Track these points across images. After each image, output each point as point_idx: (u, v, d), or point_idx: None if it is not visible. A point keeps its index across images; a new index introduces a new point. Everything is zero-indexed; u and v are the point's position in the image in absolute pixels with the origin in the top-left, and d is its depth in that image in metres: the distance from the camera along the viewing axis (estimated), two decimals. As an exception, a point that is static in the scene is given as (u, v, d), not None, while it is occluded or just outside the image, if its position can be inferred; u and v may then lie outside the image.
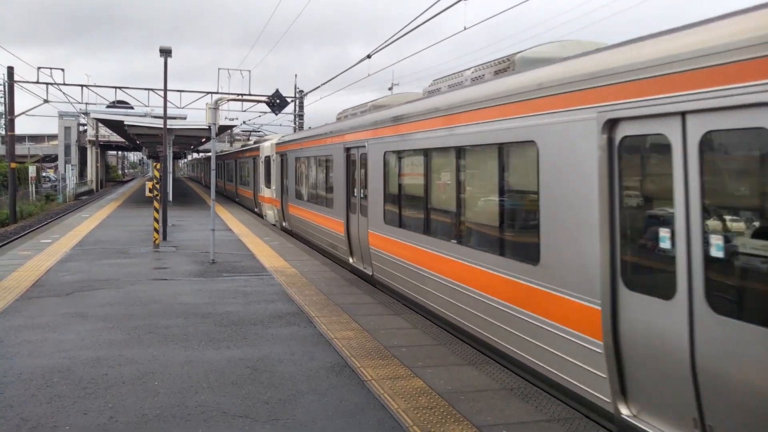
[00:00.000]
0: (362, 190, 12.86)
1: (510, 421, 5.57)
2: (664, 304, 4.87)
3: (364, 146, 12.49)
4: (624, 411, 5.35)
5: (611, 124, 5.46)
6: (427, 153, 9.58)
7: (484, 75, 8.54)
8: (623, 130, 5.36)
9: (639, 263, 5.29)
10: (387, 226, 11.27)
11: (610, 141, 5.47)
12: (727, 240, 4.45)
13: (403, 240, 10.51)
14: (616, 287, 5.39)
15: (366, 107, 14.23)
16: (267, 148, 26.04)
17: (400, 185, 10.90)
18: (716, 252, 4.48)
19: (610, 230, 5.47)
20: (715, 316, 4.44)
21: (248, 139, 59.62)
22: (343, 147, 14.01)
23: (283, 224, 22.35)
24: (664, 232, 4.95)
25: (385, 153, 11.37)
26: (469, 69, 9.18)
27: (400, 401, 5.96)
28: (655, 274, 5.06)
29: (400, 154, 10.83)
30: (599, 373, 5.55)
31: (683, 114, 4.71)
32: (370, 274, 12.27)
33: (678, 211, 4.78)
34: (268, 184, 25.88)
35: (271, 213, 25.26)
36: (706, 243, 4.54)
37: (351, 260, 13.67)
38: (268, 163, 25.66)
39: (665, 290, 4.86)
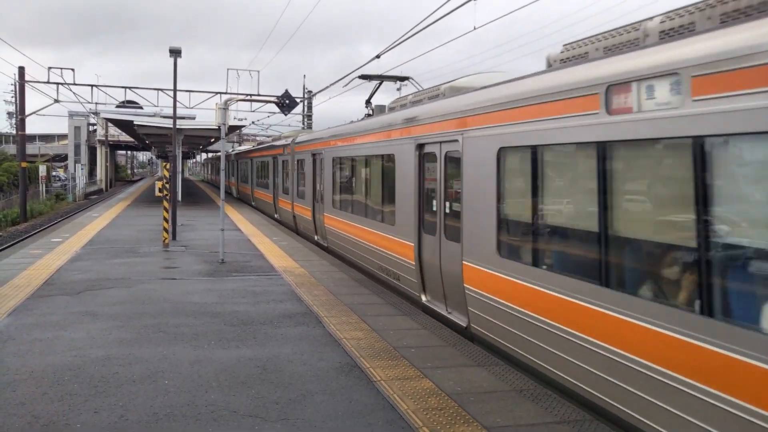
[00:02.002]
0: (447, 203, 9.42)
1: (519, 422, 5.56)
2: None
3: (456, 140, 8.85)
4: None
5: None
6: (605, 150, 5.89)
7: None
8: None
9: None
10: (507, 261, 7.52)
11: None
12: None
13: (552, 290, 6.56)
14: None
15: (437, 91, 10.81)
16: (292, 145, 22.73)
17: (541, 200, 6.99)
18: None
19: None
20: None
21: (256, 139, 59.87)
22: (413, 143, 10.45)
23: (316, 238, 18.59)
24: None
25: (500, 150, 7.72)
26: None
27: (410, 402, 5.96)
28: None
29: (539, 153, 6.99)
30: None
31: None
32: (464, 325, 8.71)
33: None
34: (300, 189, 21.66)
35: (305, 224, 20.46)
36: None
37: (423, 298, 10.25)
38: (294, 164, 22.42)
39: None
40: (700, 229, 4.76)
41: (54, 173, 64.42)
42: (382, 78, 15.83)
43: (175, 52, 20.68)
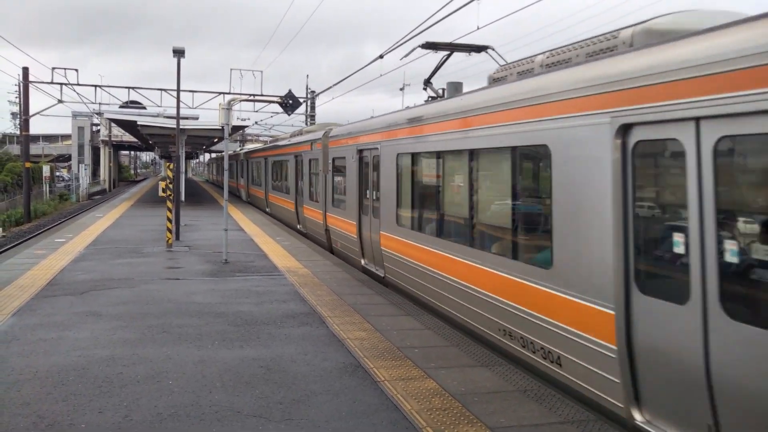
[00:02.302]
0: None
1: (523, 423, 5.56)
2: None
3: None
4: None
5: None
6: None
7: None
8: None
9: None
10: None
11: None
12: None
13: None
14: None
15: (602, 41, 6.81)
16: (325, 140, 17.77)
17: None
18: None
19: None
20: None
21: (259, 139, 59.70)
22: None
23: (363, 263, 13.94)
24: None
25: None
26: None
27: (414, 402, 5.96)
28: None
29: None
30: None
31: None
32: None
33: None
34: (337, 195, 16.80)
35: (345, 242, 15.59)
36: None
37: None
38: (328, 163, 17.33)
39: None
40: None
41: (57, 173, 64.57)
42: (452, 47, 12.30)
43: (179, 53, 20.68)
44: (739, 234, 4.62)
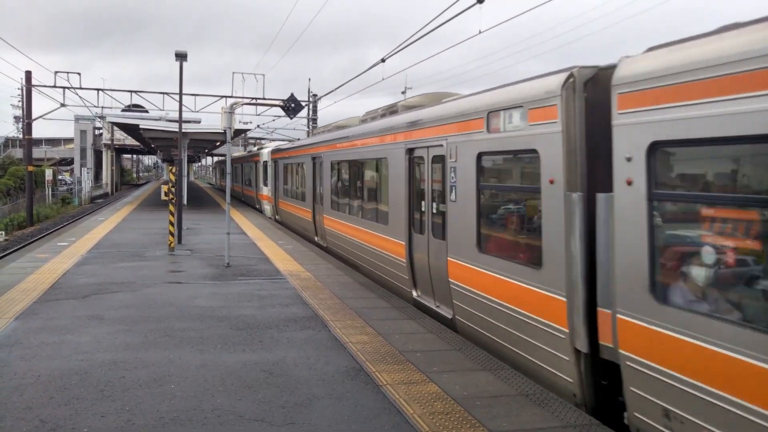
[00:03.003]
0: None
1: (525, 427, 5.55)
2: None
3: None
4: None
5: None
6: None
7: None
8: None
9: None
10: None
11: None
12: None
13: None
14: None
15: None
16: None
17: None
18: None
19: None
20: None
21: (261, 143, 59.17)
22: None
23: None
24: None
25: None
26: None
27: (416, 406, 5.96)
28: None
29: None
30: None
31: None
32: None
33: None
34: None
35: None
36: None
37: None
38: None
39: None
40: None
41: (60, 177, 64.71)
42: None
43: (181, 56, 20.73)
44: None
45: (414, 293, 10.87)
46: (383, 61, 20.58)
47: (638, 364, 5.44)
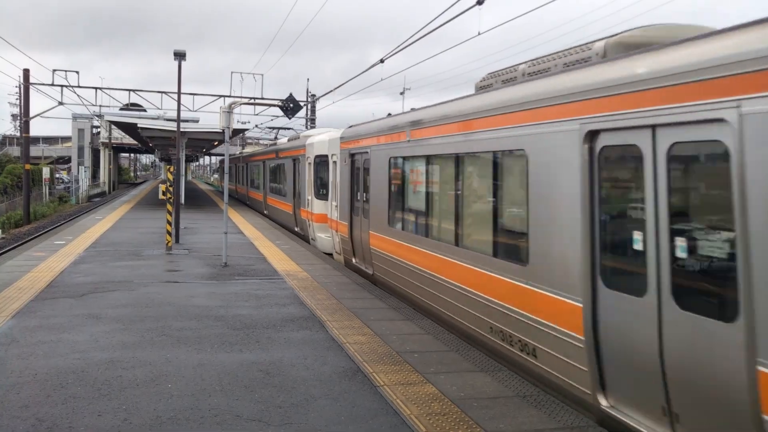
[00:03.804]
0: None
1: (522, 428, 5.55)
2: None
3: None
4: None
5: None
6: None
7: None
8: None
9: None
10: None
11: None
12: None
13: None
14: None
15: None
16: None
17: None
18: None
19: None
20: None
21: (259, 143, 58.74)
22: None
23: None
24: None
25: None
26: None
27: (413, 407, 5.96)
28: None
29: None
30: None
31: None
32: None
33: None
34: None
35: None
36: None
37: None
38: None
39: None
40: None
41: (57, 175, 64.60)
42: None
43: (180, 55, 20.72)
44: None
45: None
46: (382, 61, 20.58)
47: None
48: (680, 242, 4.87)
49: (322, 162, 18.76)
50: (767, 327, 4.08)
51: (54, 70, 35.20)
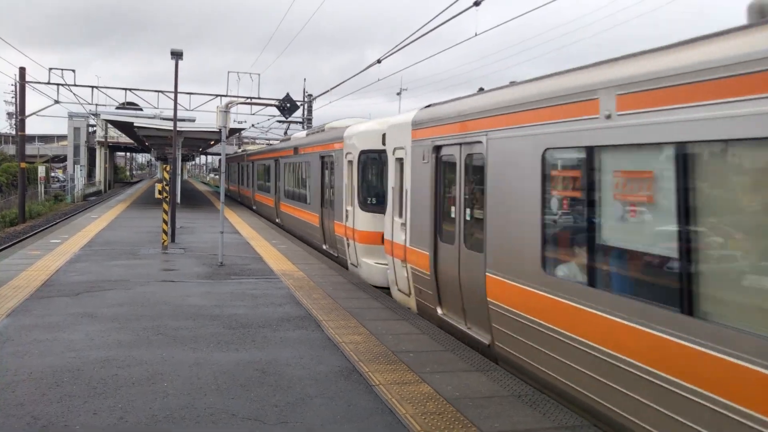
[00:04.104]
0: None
1: (517, 427, 5.58)
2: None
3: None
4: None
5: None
6: None
7: None
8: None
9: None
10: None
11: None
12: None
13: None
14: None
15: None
16: None
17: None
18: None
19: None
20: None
21: (255, 142, 58.46)
22: None
23: None
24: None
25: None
26: None
27: (408, 406, 5.97)
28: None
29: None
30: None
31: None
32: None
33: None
34: None
35: None
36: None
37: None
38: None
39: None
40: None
41: (53, 174, 64.45)
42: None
43: (177, 55, 20.74)
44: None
45: None
46: (379, 62, 20.60)
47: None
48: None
49: (371, 160, 14.06)
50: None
51: (50, 69, 35.15)
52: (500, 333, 7.52)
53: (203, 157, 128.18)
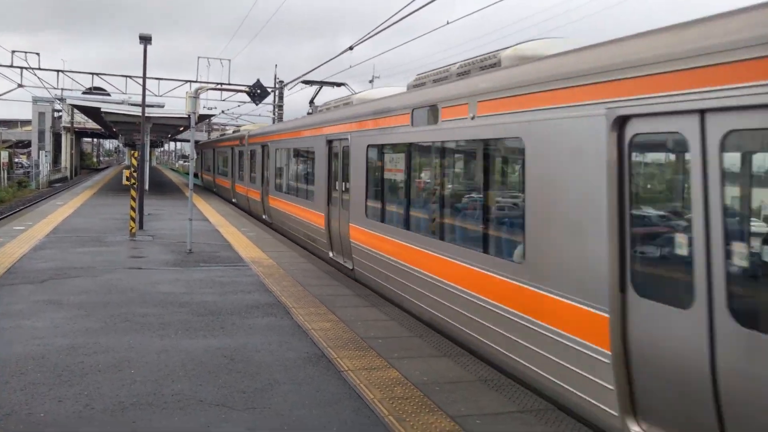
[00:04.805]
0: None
1: (484, 411, 5.67)
2: None
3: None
4: None
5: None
6: None
7: None
8: None
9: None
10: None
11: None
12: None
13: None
14: None
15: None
16: None
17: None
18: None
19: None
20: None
21: (225, 129, 57.89)
22: None
23: None
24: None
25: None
26: None
27: (376, 391, 6.03)
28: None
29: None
30: None
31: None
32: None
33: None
34: None
35: None
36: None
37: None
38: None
39: None
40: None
41: (17, 160, 63.00)
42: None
43: (146, 39, 20.38)
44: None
45: None
46: (351, 48, 20.50)
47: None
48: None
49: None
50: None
51: (13, 51, 34.30)
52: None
53: (173, 144, 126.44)
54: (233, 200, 30.36)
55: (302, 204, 15.85)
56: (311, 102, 18.25)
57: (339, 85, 18.91)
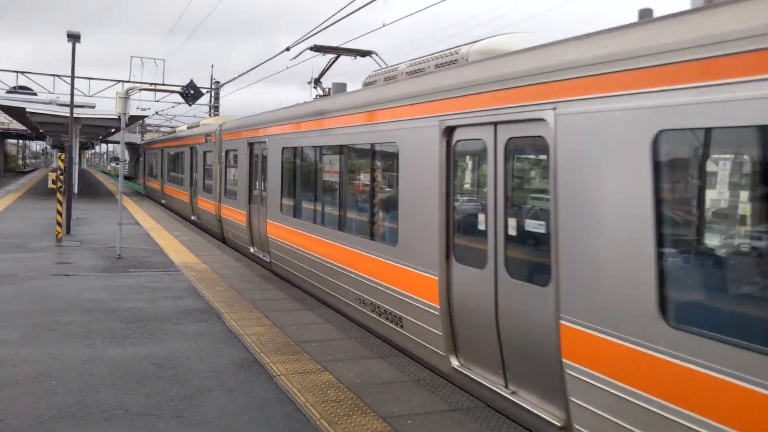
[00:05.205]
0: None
1: (415, 411, 5.71)
2: None
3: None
4: None
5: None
6: None
7: None
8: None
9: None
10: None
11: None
12: None
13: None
14: None
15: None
16: None
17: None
18: None
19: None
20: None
21: (159, 130, 56.39)
22: None
23: None
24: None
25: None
26: None
27: (309, 395, 5.99)
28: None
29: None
30: None
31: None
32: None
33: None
34: None
35: None
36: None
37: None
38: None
39: None
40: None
41: (-65, 162, 59.73)
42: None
43: (74, 37, 19.61)
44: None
45: None
46: (288, 49, 20.29)
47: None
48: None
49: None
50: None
51: (-71, 48, 32.49)
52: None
53: (104, 146, 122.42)
54: (192, 217, 22.31)
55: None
56: (317, 80, 13.14)
57: (364, 54, 12.35)
